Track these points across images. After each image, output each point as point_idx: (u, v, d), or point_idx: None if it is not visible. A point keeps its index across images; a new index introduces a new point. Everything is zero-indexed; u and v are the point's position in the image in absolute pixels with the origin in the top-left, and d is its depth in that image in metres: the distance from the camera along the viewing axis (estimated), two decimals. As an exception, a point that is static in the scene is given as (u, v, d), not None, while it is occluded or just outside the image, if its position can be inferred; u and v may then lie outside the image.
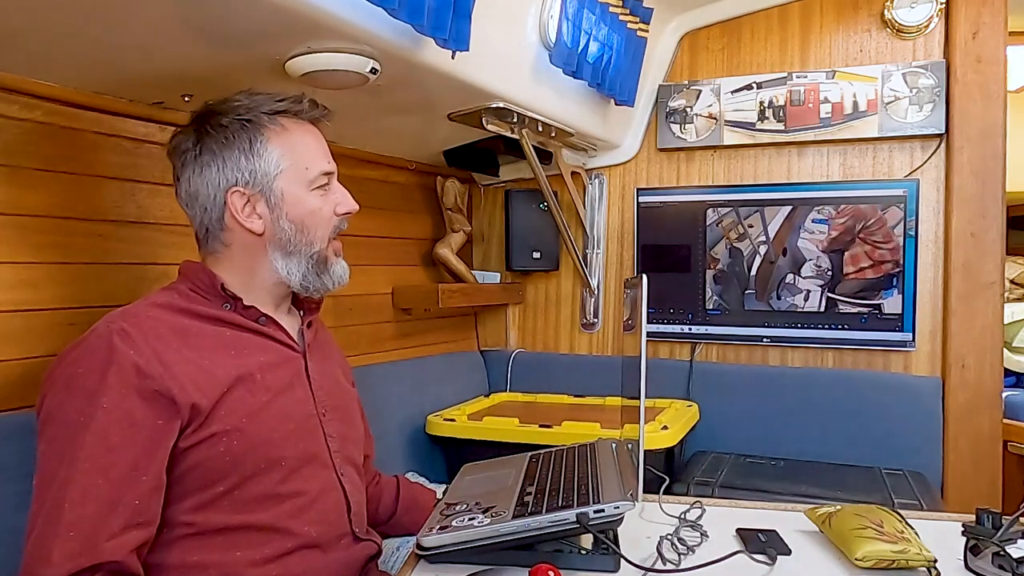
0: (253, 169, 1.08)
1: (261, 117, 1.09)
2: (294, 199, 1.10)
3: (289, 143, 1.10)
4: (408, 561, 0.99)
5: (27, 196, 1.27)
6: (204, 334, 1.04)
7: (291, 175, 1.09)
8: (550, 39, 1.74)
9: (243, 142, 1.08)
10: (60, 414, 0.93)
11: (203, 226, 1.11)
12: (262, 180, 1.08)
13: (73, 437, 0.91)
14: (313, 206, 1.11)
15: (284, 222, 1.09)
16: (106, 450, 0.91)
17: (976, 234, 2.04)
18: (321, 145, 1.14)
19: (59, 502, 0.89)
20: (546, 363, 2.53)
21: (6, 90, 1.23)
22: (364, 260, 2.09)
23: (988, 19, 2.03)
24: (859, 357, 2.19)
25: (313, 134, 1.14)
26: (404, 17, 1.20)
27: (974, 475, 2.03)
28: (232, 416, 1.00)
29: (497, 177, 2.55)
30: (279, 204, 1.09)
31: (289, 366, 1.12)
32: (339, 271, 1.16)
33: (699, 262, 2.31)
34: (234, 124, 1.08)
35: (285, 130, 1.10)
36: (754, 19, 2.30)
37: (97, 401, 0.92)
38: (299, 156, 1.10)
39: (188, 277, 1.10)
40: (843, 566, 0.97)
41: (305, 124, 1.13)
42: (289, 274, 1.11)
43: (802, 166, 2.26)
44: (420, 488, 1.45)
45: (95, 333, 0.97)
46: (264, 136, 1.08)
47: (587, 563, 0.95)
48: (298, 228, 1.10)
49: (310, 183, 1.11)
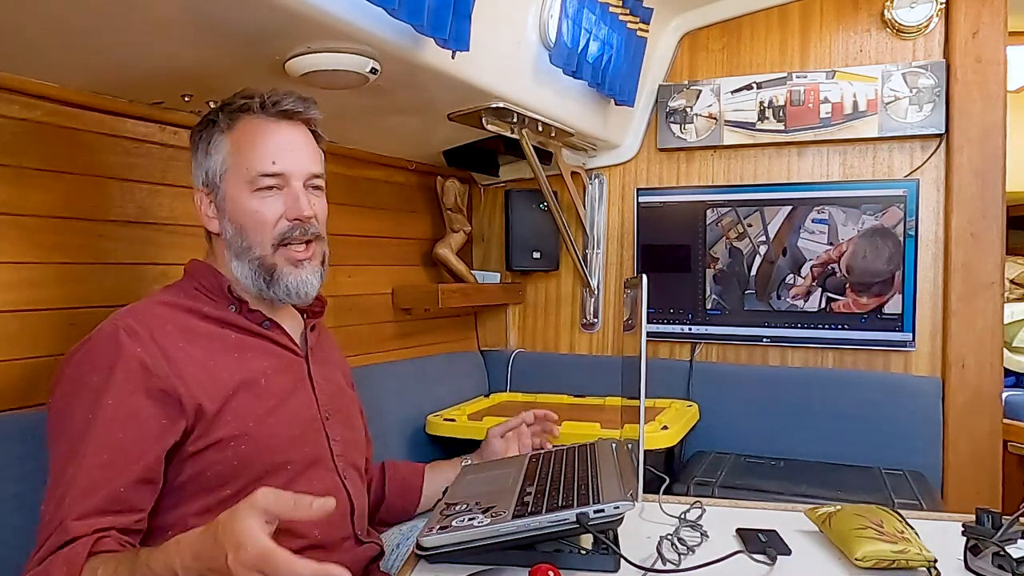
0: (208, 168, 1.08)
1: (220, 115, 1.08)
2: (234, 200, 1.06)
3: (236, 142, 1.06)
4: (408, 561, 0.99)
5: (27, 196, 1.27)
6: (209, 335, 1.04)
7: (233, 175, 1.06)
8: (550, 39, 1.74)
9: (204, 141, 1.08)
10: (67, 412, 0.94)
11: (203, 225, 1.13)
12: (212, 179, 1.07)
13: (79, 436, 0.91)
14: (249, 208, 1.05)
15: (227, 223, 1.07)
16: (107, 447, 0.91)
17: (976, 234, 2.04)
18: (275, 144, 1.06)
19: (60, 499, 0.89)
20: (546, 363, 2.53)
21: (6, 90, 1.23)
22: (364, 260, 2.09)
23: (988, 19, 2.03)
24: (859, 357, 2.19)
25: (271, 132, 1.07)
26: (404, 17, 1.20)
27: (974, 475, 2.03)
28: (238, 421, 1.00)
29: (497, 177, 2.55)
30: (223, 205, 1.07)
31: (292, 371, 1.11)
32: (292, 282, 1.08)
33: (699, 262, 2.30)
34: (204, 123, 1.09)
35: (234, 129, 1.07)
36: (754, 19, 2.30)
37: (103, 399, 0.92)
38: (242, 155, 1.06)
39: (194, 276, 1.10)
40: (843, 566, 0.97)
41: (265, 121, 1.07)
42: (243, 277, 1.08)
43: (802, 166, 2.26)
44: (405, 465, 1.42)
45: (102, 331, 0.97)
46: (218, 135, 1.07)
47: (587, 563, 0.95)
48: (237, 230, 1.06)
49: (250, 184, 1.05)
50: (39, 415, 1.21)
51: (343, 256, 1.17)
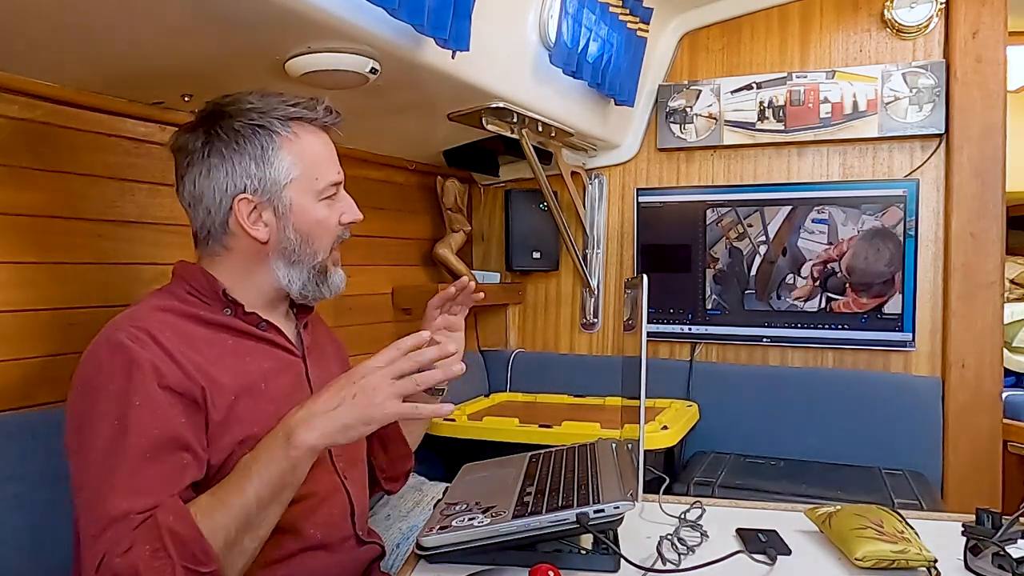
0: (263, 177, 1.05)
1: (274, 123, 1.06)
2: (302, 209, 1.08)
3: (301, 152, 1.07)
4: (408, 561, 0.99)
5: (27, 196, 1.27)
6: (208, 340, 1.02)
7: (301, 184, 1.07)
8: (550, 39, 1.74)
9: (255, 148, 1.05)
10: (92, 425, 0.91)
11: (204, 228, 1.09)
12: (271, 188, 1.06)
13: (113, 440, 0.89)
14: (320, 216, 1.09)
15: (290, 232, 1.08)
16: (148, 439, 0.90)
17: (976, 234, 2.04)
18: (331, 154, 1.13)
19: (109, 499, 0.87)
20: (546, 363, 2.53)
21: (6, 90, 1.23)
22: (364, 260, 2.09)
23: (988, 19, 2.03)
24: (859, 357, 2.19)
25: (324, 142, 1.12)
26: (404, 17, 1.20)
27: (974, 475, 2.03)
28: (242, 425, 0.99)
29: (497, 177, 2.55)
30: (287, 213, 1.07)
31: (290, 372, 1.11)
32: (337, 280, 1.15)
33: (699, 262, 2.31)
34: (246, 129, 1.05)
35: (298, 138, 1.07)
36: (754, 19, 2.30)
37: (129, 400, 0.91)
38: (310, 165, 1.08)
39: (185, 279, 1.08)
40: (843, 566, 0.97)
41: (317, 131, 1.11)
42: (290, 283, 1.10)
43: (802, 166, 2.26)
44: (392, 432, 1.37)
45: (108, 342, 0.95)
46: (276, 143, 1.06)
47: (587, 563, 0.95)
48: (303, 238, 1.08)
49: (319, 193, 1.09)
50: (39, 415, 1.21)
51: (343, 256, 1.17)
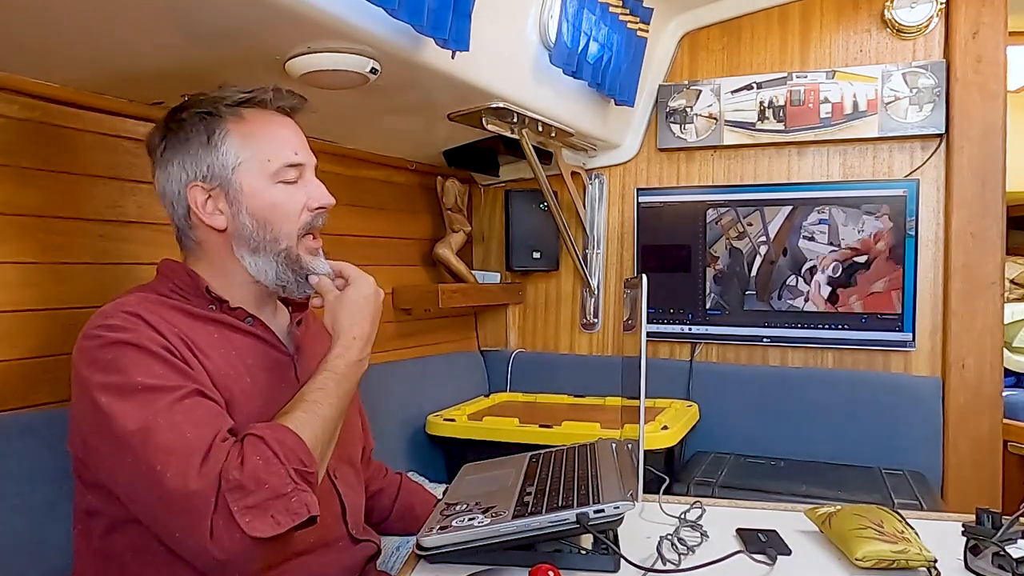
0: (211, 163, 1.04)
1: (221, 109, 1.05)
2: (253, 192, 1.05)
3: (250, 134, 1.05)
4: (408, 561, 0.99)
5: (27, 196, 1.27)
6: (195, 330, 1.01)
7: (251, 167, 1.05)
8: (550, 39, 1.74)
9: (201, 135, 1.05)
10: (128, 398, 0.89)
11: (175, 224, 1.10)
12: (221, 173, 1.04)
13: (152, 406, 0.88)
14: (274, 199, 1.06)
15: (245, 217, 1.05)
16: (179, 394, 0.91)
17: (976, 234, 2.04)
18: (289, 136, 1.08)
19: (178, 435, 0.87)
20: (546, 363, 2.53)
21: (6, 90, 1.23)
22: (364, 260, 2.08)
23: (988, 19, 2.03)
24: (859, 357, 2.19)
25: (280, 124, 1.09)
26: (404, 17, 1.20)
27: (974, 475, 2.03)
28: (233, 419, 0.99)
29: (497, 177, 2.55)
30: (238, 198, 1.05)
31: (278, 369, 1.09)
32: (317, 268, 1.10)
33: (699, 262, 2.31)
34: (193, 118, 1.05)
35: (245, 121, 1.06)
36: (754, 19, 2.30)
37: (149, 370, 0.91)
38: (260, 147, 1.05)
39: (169, 277, 1.07)
40: (843, 566, 0.97)
41: (272, 114, 1.08)
42: (260, 273, 1.07)
43: (802, 166, 2.26)
44: (419, 493, 1.42)
45: (107, 323, 0.94)
46: (224, 128, 1.05)
47: (587, 563, 0.95)
48: (260, 223, 1.05)
49: (273, 175, 1.06)
50: (39, 415, 1.21)
51: (343, 256, 1.16)
